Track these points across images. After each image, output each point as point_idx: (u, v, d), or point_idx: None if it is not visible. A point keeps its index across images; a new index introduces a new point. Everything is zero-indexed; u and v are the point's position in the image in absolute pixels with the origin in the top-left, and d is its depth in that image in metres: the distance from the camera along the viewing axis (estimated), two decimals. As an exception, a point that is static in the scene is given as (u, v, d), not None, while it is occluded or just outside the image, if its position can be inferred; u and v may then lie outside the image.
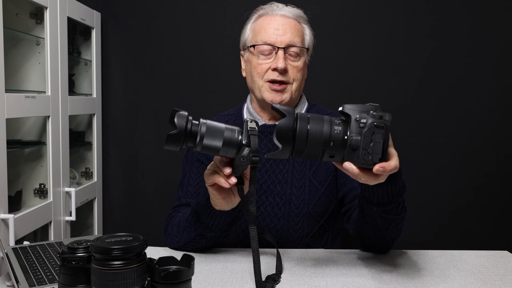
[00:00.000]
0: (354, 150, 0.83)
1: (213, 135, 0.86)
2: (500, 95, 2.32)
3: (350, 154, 0.84)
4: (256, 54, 1.22)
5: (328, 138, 0.84)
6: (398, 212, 1.01)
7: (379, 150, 0.84)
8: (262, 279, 0.92)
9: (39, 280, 0.88)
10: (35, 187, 1.87)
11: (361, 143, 0.83)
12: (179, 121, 0.85)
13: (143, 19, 2.39)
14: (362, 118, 0.84)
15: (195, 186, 1.25)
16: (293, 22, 1.23)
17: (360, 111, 0.85)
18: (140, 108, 2.44)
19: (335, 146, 0.84)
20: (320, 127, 0.84)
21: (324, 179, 1.24)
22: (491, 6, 2.29)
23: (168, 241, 1.17)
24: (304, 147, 0.84)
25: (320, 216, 1.23)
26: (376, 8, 2.31)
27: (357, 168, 0.84)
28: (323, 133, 0.84)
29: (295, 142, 0.84)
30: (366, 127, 0.83)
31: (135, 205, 2.48)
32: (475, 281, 0.96)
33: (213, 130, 0.87)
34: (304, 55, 1.23)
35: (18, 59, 1.86)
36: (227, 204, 1.00)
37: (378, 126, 0.83)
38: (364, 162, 0.84)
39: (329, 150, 0.84)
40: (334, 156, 0.85)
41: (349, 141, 0.83)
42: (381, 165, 0.83)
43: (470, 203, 2.36)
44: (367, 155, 0.83)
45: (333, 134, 0.84)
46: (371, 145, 0.83)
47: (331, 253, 1.14)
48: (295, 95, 1.23)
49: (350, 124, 0.84)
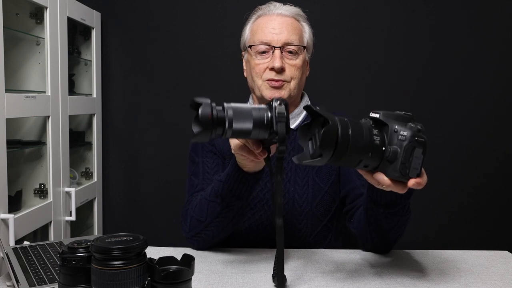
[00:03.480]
0: (391, 162, 0.81)
1: (241, 117, 0.81)
2: (500, 95, 2.32)
3: (385, 166, 0.81)
4: (254, 54, 1.22)
5: (367, 147, 0.79)
6: (404, 214, 1.01)
7: (418, 166, 0.82)
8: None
9: (39, 280, 0.88)
10: (35, 187, 1.87)
11: (401, 156, 0.80)
12: (205, 109, 0.78)
13: (143, 19, 2.39)
14: (401, 130, 0.81)
15: (213, 174, 1.22)
16: (291, 20, 1.22)
17: (398, 121, 0.82)
18: (140, 108, 2.44)
19: (372, 156, 0.81)
20: (360, 136, 0.79)
21: (327, 178, 1.24)
22: (491, 6, 2.29)
23: (191, 226, 1.12)
24: (343, 156, 0.78)
25: (323, 215, 1.23)
26: (376, 8, 2.31)
27: (389, 179, 0.82)
28: (363, 141, 0.79)
29: (336, 149, 0.77)
30: (407, 141, 0.80)
31: (135, 205, 2.48)
32: (475, 281, 0.96)
33: (240, 112, 0.81)
34: (303, 53, 1.23)
35: (18, 59, 1.86)
36: (256, 165, 0.98)
37: (419, 142, 0.81)
38: (400, 175, 0.81)
39: (366, 161, 0.81)
40: (368, 166, 0.82)
41: (387, 153, 0.81)
42: (417, 181, 0.82)
43: (470, 203, 2.36)
44: (405, 169, 0.81)
45: (373, 143, 0.80)
46: (410, 159, 0.81)
47: (332, 252, 1.14)
48: (294, 93, 1.23)
49: (388, 134, 0.81)
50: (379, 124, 0.83)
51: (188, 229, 1.14)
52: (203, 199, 1.11)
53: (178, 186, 2.33)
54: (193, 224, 1.12)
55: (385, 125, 0.82)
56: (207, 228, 1.10)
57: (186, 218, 1.15)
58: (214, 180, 1.11)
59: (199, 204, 1.12)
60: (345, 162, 0.80)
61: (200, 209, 1.11)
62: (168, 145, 2.42)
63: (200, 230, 1.11)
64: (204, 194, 1.12)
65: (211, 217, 1.09)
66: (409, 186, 0.83)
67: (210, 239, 1.12)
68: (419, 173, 0.83)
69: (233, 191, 1.04)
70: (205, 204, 1.10)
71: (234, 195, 1.04)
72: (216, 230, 1.11)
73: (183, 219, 1.17)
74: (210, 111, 0.78)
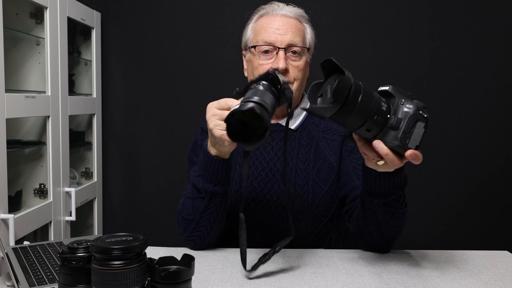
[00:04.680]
0: (394, 130, 0.84)
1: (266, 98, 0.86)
2: (500, 95, 2.32)
3: (387, 133, 0.84)
4: (257, 54, 1.22)
5: (374, 110, 0.82)
6: (399, 206, 1.02)
7: (417, 138, 0.84)
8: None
9: (39, 280, 0.88)
10: (35, 187, 1.87)
11: (403, 125, 0.83)
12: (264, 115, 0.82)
13: (143, 19, 2.39)
14: (407, 103, 0.85)
15: None
16: (294, 21, 1.23)
17: (405, 96, 0.86)
18: (140, 108, 2.44)
19: (377, 120, 0.83)
20: (370, 97, 0.82)
21: (327, 178, 1.24)
22: (491, 6, 2.29)
23: (184, 227, 1.13)
24: (351, 112, 0.81)
25: (324, 215, 1.24)
26: (376, 8, 2.31)
27: (388, 148, 0.85)
28: (372, 103, 0.82)
29: (346, 101, 0.80)
30: (412, 112, 0.84)
31: (135, 205, 2.48)
32: (475, 281, 0.96)
33: (262, 96, 0.86)
34: (305, 55, 1.23)
35: (18, 59, 1.86)
36: (231, 147, 1.01)
37: (423, 116, 0.84)
38: (399, 144, 0.84)
39: (370, 123, 0.83)
40: (370, 130, 0.84)
41: (391, 120, 0.84)
42: (415, 152, 0.85)
43: (470, 203, 2.36)
44: (405, 138, 0.84)
45: (380, 109, 0.83)
46: (412, 130, 0.84)
47: (331, 252, 1.14)
48: (297, 94, 1.23)
49: (394, 104, 0.85)
50: (386, 96, 0.87)
51: (182, 231, 1.15)
52: (187, 199, 1.12)
53: (178, 186, 2.33)
54: (185, 224, 1.14)
55: (392, 97, 0.86)
56: (198, 226, 1.11)
57: (178, 220, 1.17)
58: (190, 177, 1.12)
59: (184, 204, 1.13)
60: (350, 119, 0.82)
61: (186, 209, 1.12)
62: (168, 145, 2.42)
63: (193, 229, 1.12)
64: (186, 193, 1.14)
65: (199, 213, 1.10)
66: (406, 155, 0.85)
67: (205, 236, 1.12)
68: (418, 146, 0.85)
69: (214, 178, 1.06)
70: (190, 203, 1.11)
71: (216, 182, 1.06)
72: (208, 225, 1.11)
73: (177, 221, 1.18)
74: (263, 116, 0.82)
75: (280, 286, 0.93)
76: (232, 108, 0.84)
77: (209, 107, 0.99)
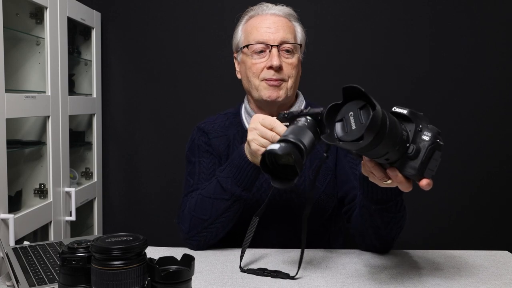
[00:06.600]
0: (412, 160, 0.80)
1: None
2: (500, 95, 2.32)
3: (404, 163, 0.81)
4: (250, 54, 1.22)
5: (398, 140, 0.77)
6: (397, 211, 1.02)
7: (434, 168, 0.82)
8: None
9: (39, 280, 0.88)
10: (35, 187, 1.87)
11: (422, 156, 0.80)
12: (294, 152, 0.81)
13: (143, 19, 2.39)
14: (425, 130, 0.81)
15: (209, 174, 1.23)
16: (284, 20, 1.24)
17: (422, 120, 0.82)
18: (140, 108, 2.44)
19: (398, 150, 0.79)
20: (396, 130, 0.77)
21: (324, 178, 1.24)
22: (491, 6, 2.29)
23: (191, 226, 1.13)
24: (377, 146, 0.75)
25: (321, 215, 1.24)
26: (376, 8, 2.31)
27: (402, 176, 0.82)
28: (397, 134, 0.77)
29: (376, 136, 0.73)
30: (430, 141, 0.80)
31: (135, 205, 2.48)
32: (475, 281, 0.96)
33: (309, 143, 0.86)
34: (298, 52, 1.24)
35: (18, 59, 1.86)
36: None
37: (439, 144, 0.82)
38: (416, 174, 0.81)
39: (391, 153, 0.79)
40: (389, 159, 0.81)
41: (410, 149, 0.80)
42: (429, 182, 0.82)
43: (470, 203, 2.36)
44: (422, 169, 0.81)
45: (401, 138, 0.78)
46: (429, 161, 0.81)
47: (331, 252, 1.14)
48: (291, 93, 1.23)
49: (412, 131, 0.81)
50: (401, 118, 0.83)
51: (188, 229, 1.14)
52: (206, 198, 1.11)
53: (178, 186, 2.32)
54: (194, 223, 1.12)
55: (410, 122, 0.82)
56: (210, 226, 1.11)
57: (184, 218, 1.16)
58: (217, 177, 1.11)
59: (200, 203, 1.12)
60: (373, 152, 0.78)
61: (202, 208, 1.11)
62: (168, 145, 2.42)
63: (203, 228, 1.12)
64: (205, 192, 1.12)
65: (216, 214, 1.10)
66: (420, 185, 0.83)
67: (212, 237, 1.12)
68: (433, 175, 0.83)
69: (244, 183, 1.06)
70: (209, 202, 1.10)
71: (244, 187, 1.07)
72: (221, 227, 1.12)
73: (180, 219, 1.17)
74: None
75: (280, 286, 0.93)
76: (269, 147, 0.82)
77: (254, 119, 1.00)
